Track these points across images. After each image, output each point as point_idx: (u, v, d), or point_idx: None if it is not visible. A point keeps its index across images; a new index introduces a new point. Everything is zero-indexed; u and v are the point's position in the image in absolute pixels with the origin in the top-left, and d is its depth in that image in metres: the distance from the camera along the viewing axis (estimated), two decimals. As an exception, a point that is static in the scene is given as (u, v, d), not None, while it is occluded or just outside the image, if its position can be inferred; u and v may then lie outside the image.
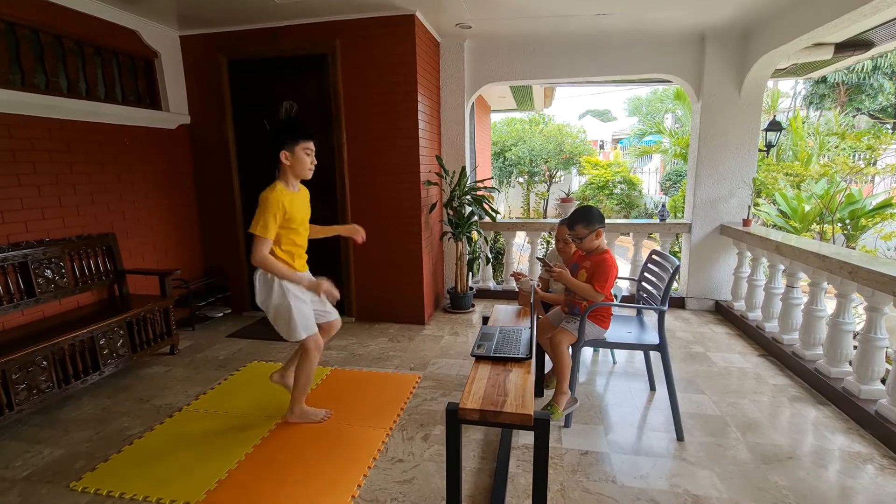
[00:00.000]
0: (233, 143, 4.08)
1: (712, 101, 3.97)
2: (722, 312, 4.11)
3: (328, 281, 2.25)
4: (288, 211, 2.15)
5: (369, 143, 3.80)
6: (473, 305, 4.40)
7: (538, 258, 2.59)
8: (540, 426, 1.56)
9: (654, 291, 2.49)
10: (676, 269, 2.21)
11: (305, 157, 2.18)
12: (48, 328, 2.75)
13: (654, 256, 2.59)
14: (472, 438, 2.30)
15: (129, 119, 3.57)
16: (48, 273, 2.95)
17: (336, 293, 2.27)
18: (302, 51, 3.80)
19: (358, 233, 2.48)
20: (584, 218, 2.29)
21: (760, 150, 4.10)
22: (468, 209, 4.17)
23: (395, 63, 3.66)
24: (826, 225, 4.74)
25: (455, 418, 1.61)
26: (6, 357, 2.33)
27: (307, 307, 2.27)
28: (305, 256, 2.34)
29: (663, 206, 4.42)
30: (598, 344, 2.37)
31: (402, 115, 3.71)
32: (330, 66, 3.77)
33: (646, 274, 2.64)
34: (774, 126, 4.10)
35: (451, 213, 4.13)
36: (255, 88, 3.99)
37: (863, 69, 11.52)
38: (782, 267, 3.35)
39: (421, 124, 3.78)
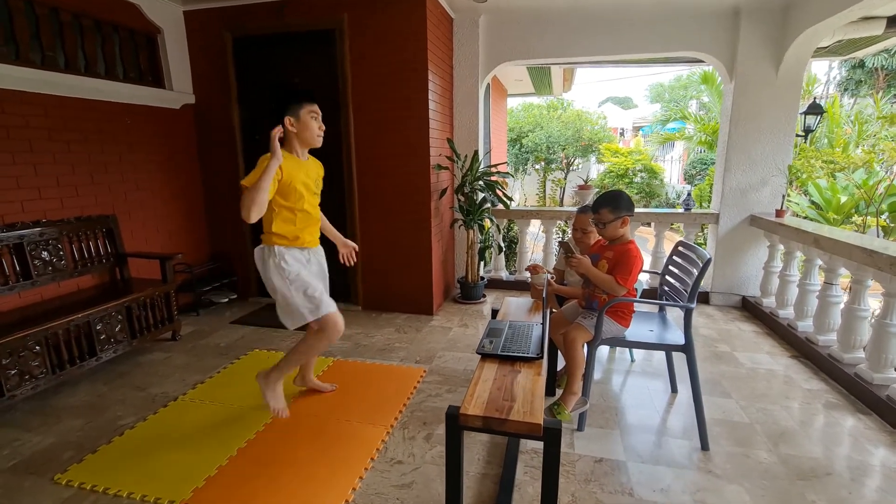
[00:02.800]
0: (238, 124, 3.94)
1: (746, 81, 3.66)
2: (749, 309, 3.86)
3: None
4: (286, 173, 1.96)
5: (377, 125, 3.62)
6: (484, 296, 4.23)
7: (560, 242, 2.39)
8: (550, 436, 1.40)
9: (680, 286, 2.28)
10: (707, 264, 2.00)
11: (311, 121, 2.02)
12: (44, 312, 2.67)
13: (680, 248, 2.37)
14: (477, 440, 2.15)
15: (131, 97, 3.45)
16: (45, 255, 2.87)
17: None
18: (308, 26, 3.62)
19: (347, 250, 2.41)
20: (611, 202, 2.08)
21: (797, 136, 3.78)
22: (480, 195, 3.98)
23: (405, 39, 3.45)
24: (867, 217, 4.42)
25: (456, 424, 1.45)
26: (-4, 341, 2.25)
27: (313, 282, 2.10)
28: (316, 228, 2.20)
29: (689, 194, 4.15)
30: (617, 343, 2.18)
31: (412, 95, 3.52)
32: (337, 42, 3.58)
33: (671, 267, 2.42)
34: (814, 109, 3.77)
35: (462, 199, 3.95)
36: (260, 67, 3.83)
37: (905, 53, 10.80)
38: (819, 262, 3.09)
39: (431, 105, 3.58)
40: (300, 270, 2.07)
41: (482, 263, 4.31)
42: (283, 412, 2.24)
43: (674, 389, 2.58)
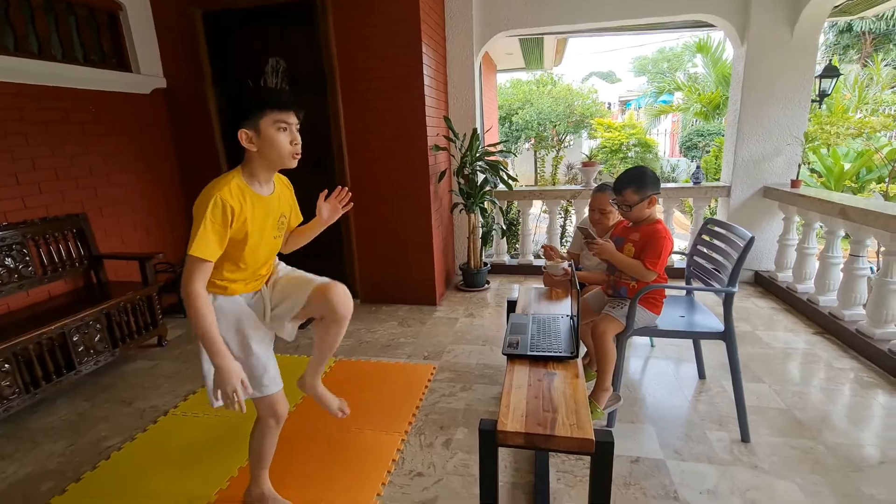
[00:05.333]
0: (214, 107, 3.62)
1: (760, 44, 3.45)
2: (763, 284, 3.73)
3: (240, 380, 1.34)
4: (238, 218, 1.36)
5: (369, 104, 3.35)
6: (488, 282, 4.04)
7: (580, 228, 2.20)
8: (602, 451, 1.22)
9: (712, 268, 2.11)
10: (750, 243, 1.82)
11: (277, 135, 1.37)
12: (12, 324, 2.41)
13: (712, 227, 2.18)
14: (502, 444, 1.98)
15: (94, 82, 3.12)
16: (9, 262, 2.59)
17: (236, 405, 1.33)
18: (286, -3, 3.30)
19: (335, 207, 1.62)
20: (634, 180, 1.88)
21: (812, 101, 3.61)
22: (481, 177, 3.75)
23: (394, 9, 3.16)
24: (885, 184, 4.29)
25: (492, 442, 1.26)
26: (-44, 363, 2.00)
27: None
28: (259, 279, 1.52)
29: (697, 167, 3.97)
30: (649, 332, 2.00)
31: (405, 71, 3.24)
32: (320, 15, 3.27)
33: (699, 247, 2.25)
34: (831, 71, 3.59)
35: (462, 181, 3.72)
36: (235, 44, 3.50)
37: (892, 16, 10.70)
38: (842, 233, 2.95)
39: (427, 80, 3.31)
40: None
41: (483, 248, 4.11)
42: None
43: (701, 376, 2.44)
